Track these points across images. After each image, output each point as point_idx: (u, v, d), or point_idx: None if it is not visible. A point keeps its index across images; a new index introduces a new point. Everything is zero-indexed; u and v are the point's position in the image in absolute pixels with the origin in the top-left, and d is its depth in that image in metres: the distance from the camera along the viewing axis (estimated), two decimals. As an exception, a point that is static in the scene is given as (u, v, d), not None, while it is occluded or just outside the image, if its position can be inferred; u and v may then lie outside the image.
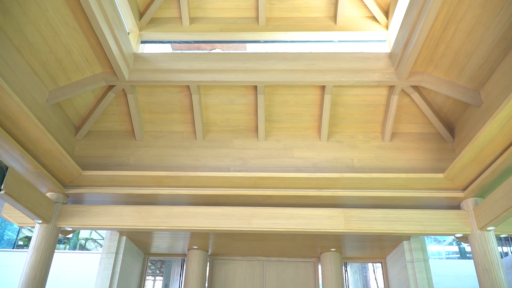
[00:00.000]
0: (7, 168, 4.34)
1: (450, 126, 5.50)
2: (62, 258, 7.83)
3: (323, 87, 5.33)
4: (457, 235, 5.19)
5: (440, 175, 5.02)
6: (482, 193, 5.09)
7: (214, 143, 5.74)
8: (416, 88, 5.20)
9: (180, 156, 5.64)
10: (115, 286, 6.21)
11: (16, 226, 10.07)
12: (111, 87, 5.36)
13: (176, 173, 5.20)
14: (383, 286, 7.26)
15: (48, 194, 5.42)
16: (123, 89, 5.37)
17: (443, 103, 5.26)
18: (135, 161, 5.64)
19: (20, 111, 4.02)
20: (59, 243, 10.34)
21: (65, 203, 5.50)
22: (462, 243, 10.06)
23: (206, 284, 7.30)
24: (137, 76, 5.21)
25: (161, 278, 8.11)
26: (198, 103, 5.46)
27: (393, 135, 5.66)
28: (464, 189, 5.15)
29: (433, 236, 10.45)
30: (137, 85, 5.41)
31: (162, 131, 5.85)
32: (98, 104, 5.52)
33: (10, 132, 4.28)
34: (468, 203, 5.19)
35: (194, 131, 5.78)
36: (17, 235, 9.94)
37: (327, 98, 5.31)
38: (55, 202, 5.37)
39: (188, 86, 5.40)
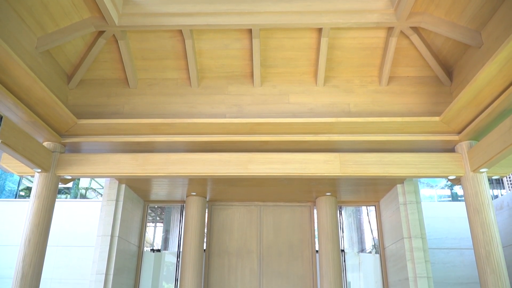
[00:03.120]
0: (1, 117, 4.30)
1: (449, 69, 5.43)
2: (64, 206, 7.99)
3: (319, 30, 5.18)
4: (450, 177, 5.30)
5: (436, 119, 5.03)
6: (477, 136, 5.13)
7: (209, 89, 5.67)
8: (415, 29, 5.06)
9: (175, 104, 5.59)
10: (117, 232, 6.39)
11: (16, 177, 10.17)
12: (101, 33, 5.19)
13: (171, 120, 5.19)
14: (376, 228, 7.51)
15: (45, 144, 5.42)
16: (114, 35, 5.20)
17: (443, 45, 5.15)
18: (130, 109, 5.60)
19: (9, 58, 3.91)
20: (60, 193, 10.51)
21: (62, 152, 5.53)
22: (454, 186, 10.30)
23: (206, 230, 7.52)
24: (127, 20, 5.02)
25: (162, 224, 8.34)
26: (191, 49, 5.32)
27: (390, 79, 5.60)
28: (460, 132, 5.18)
29: (425, 181, 10.67)
30: (128, 31, 5.24)
31: (156, 78, 5.76)
32: (88, 51, 5.37)
33: (1, 81, 4.20)
34: (463, 146, 5.24)
35: (189, 78, 5.69)
36: (18, 186, 10.06)
37: (324, 41, 5.18)
38: (53, 152, 5.39)
39: (180, 31, 5.23)
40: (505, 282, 4.58)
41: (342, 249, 7.50)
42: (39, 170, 5.19)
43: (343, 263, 7.41)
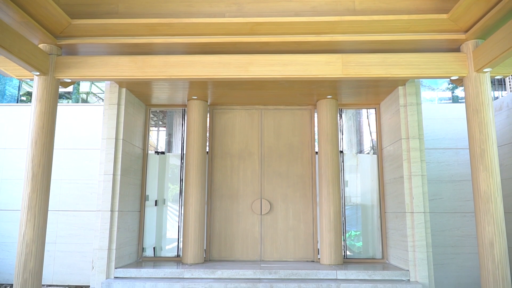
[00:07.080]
0: (-9, 16, 4.14)
1: (462, -39, 5.07)
2: (66, 111, 8.06)
3: None
4: (452, 78, 5.25)
5: (444, 16, 4.83)
6: (484, 35, 4.98)
7: (207, -14, 5.37)
8: None
9: (171, 2, 5.33)
10: (121, 135, 6.52)
11: (16, 82, 10.12)
12: None
13: (169, 20, 4.99)
14: (375, 130, 7.66)
15: (41, 46, 5.30)
16: None
17: None
18: (125, 9, 5.35)
19: (-9, -50, 3.65)
20: (61, 98, 10.56)
21: (59, 55, 5.42)
22: (455, 90, 10.28)
23: (208, 133, 7.69)
24: None
25: (164, 128, 8.49)
26: None
27: (399, -27, 5.26)
28: (467, 30, 5.02)
29: (427, 84, 10.62)
30: None
31: (150, -26, 5.41)
32: None
33: (-15, -25, 3.96)
34: (469, 45, 5.12)
35: (185, -27, 5.35)
36: (19, 91, 10.08)
37: None
38: (49, 54, 5.29)
39: None
40: (496, 179, 4.80)
41: (341, 150, 7.74)
42: (38, 73, 5.15)
43: (342, 163, 7.70)
